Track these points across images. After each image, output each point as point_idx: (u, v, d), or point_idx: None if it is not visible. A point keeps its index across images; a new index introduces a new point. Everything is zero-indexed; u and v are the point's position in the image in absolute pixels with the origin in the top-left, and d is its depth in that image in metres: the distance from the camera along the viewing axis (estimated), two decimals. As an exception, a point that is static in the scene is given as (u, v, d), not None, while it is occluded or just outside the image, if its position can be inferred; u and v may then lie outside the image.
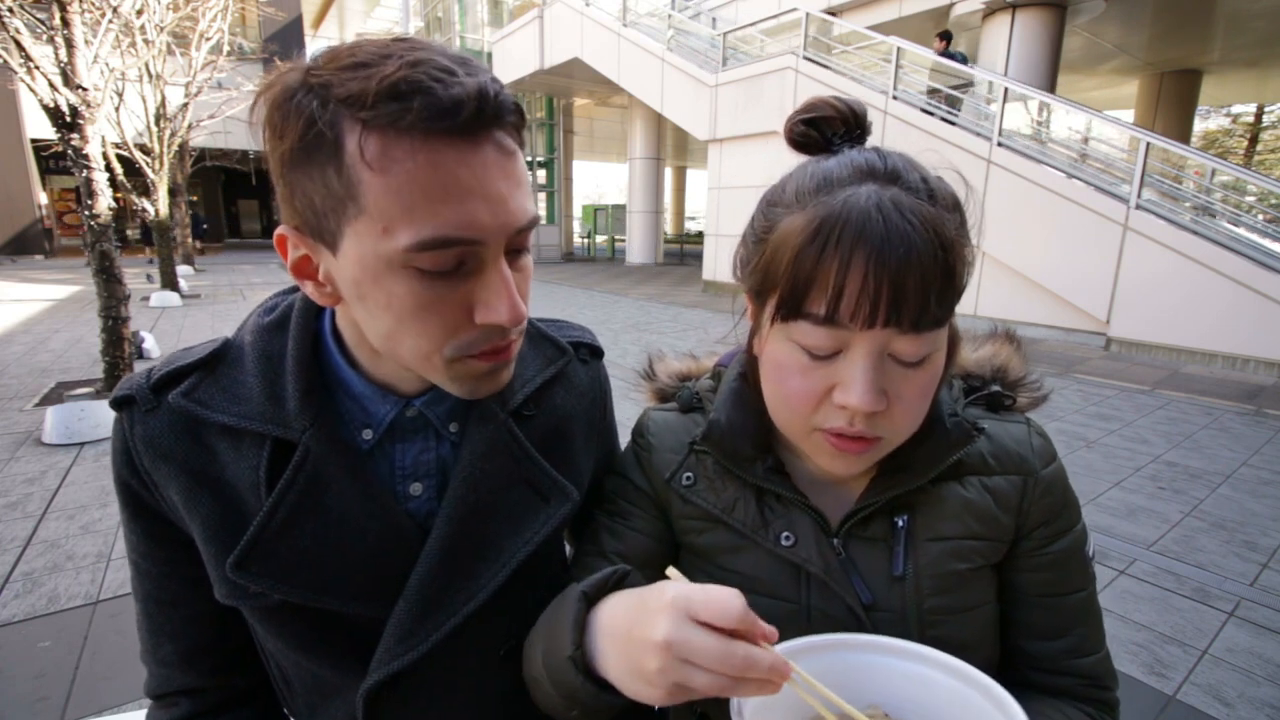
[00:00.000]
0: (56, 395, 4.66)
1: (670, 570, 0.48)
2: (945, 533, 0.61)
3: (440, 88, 0.45)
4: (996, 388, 0.67)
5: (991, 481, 0.62)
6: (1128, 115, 15.14)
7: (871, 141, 0.60)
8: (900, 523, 0.61)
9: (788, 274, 0.51)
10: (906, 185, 0.51)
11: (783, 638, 0.48)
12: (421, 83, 0.44)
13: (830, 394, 0.53)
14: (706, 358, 0.80)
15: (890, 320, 0.49)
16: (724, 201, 11.34)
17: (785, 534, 0.63)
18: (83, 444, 3.84)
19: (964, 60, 8.52)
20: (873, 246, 0.48)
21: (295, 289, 0.64)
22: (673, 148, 22.70)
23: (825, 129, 0.58)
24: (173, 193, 10.45)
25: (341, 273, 0.51)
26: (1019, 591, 0.64)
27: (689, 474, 0.68)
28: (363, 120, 0.45)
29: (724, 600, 0.43)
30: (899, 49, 8.49)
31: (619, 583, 0.53)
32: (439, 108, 0.44)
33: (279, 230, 0.53)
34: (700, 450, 0.67)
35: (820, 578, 0.61)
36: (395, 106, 0.44)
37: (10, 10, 3.97)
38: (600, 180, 46.63)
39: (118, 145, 8.39)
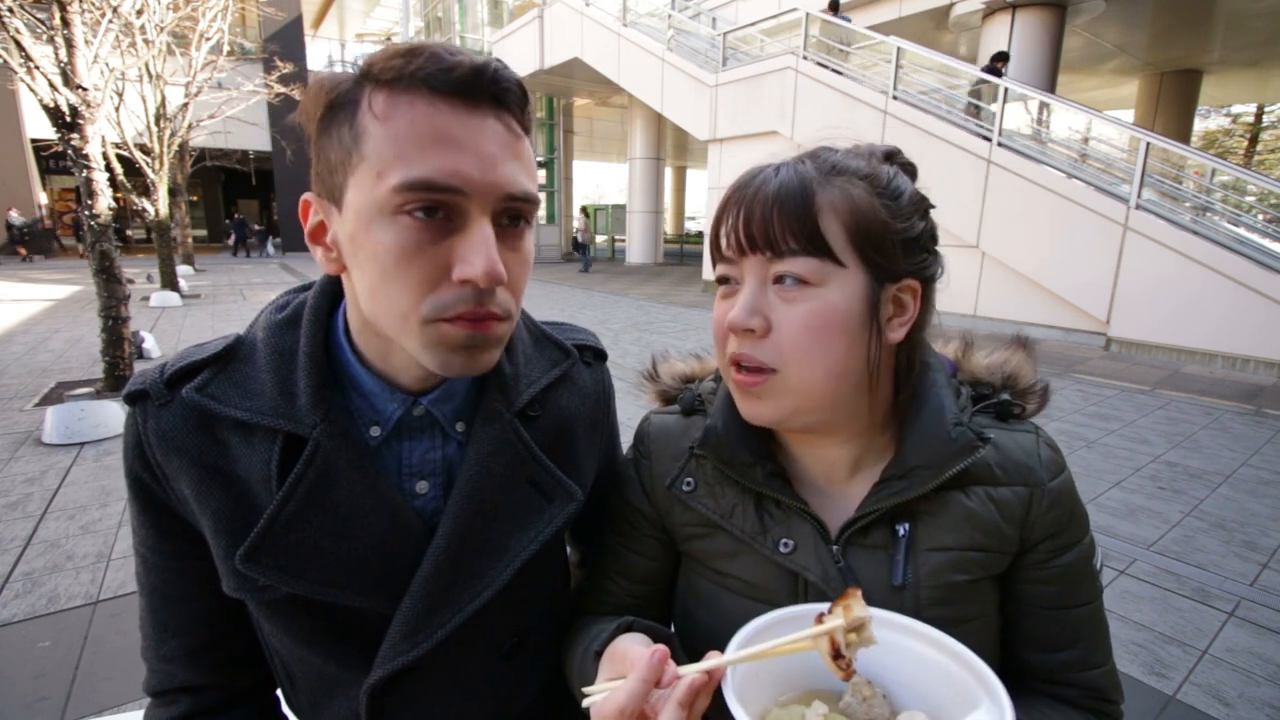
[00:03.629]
0: (56, 395, 4.66)
1: (586, 692, 0.54)
2: (947, 543, 0.60)
3: (445, 53, 0.51)
4: (1006, 396, 0.66)
5: (997, 492, 0.61)
6: (1128, 115, 15.15)
7: (871, 140, 0.62)
8: (901, 531, 0.61)
9: (711, 236, 0.63)
10: (814, 157, 0.60)
11: None
12: (429, 48, 0.51)
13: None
14: (710, 358, 0.80)
15: (754, 245, 0.57)
16: (724, 201, 11.30)
17: (784, 540, 0.63)
18: (83, 444, 3.84)
19: (848, 20, 9.25)
20: (741, 191, 0.59)
21: (306, 287, 0.65)
22: (673, 148, 22.70)
23: None
24: (173, 193, 10.45)
25: (343, 231, 0.53)
26: (1024, 603, 0.63)
27: (689, 479, 0.68)
28: (375, 77, 0.51)
29: (615, 707, 0.49)
30: (899, 49, 8.49)
31: (629, 628, 0.62)
32: (439, 65, 0.50)
33: (304, 196, 0.56)
34: (700, 455, 0.67)
35: (818, 585, 0.61)
36: (401, 61, 0.50)
37: (10, 10, 3.97)
38: (600, 180, 46.65)
39: (118, 145, 8.38)
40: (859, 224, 0.57)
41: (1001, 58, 8.51)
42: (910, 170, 0.63)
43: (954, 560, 0.60)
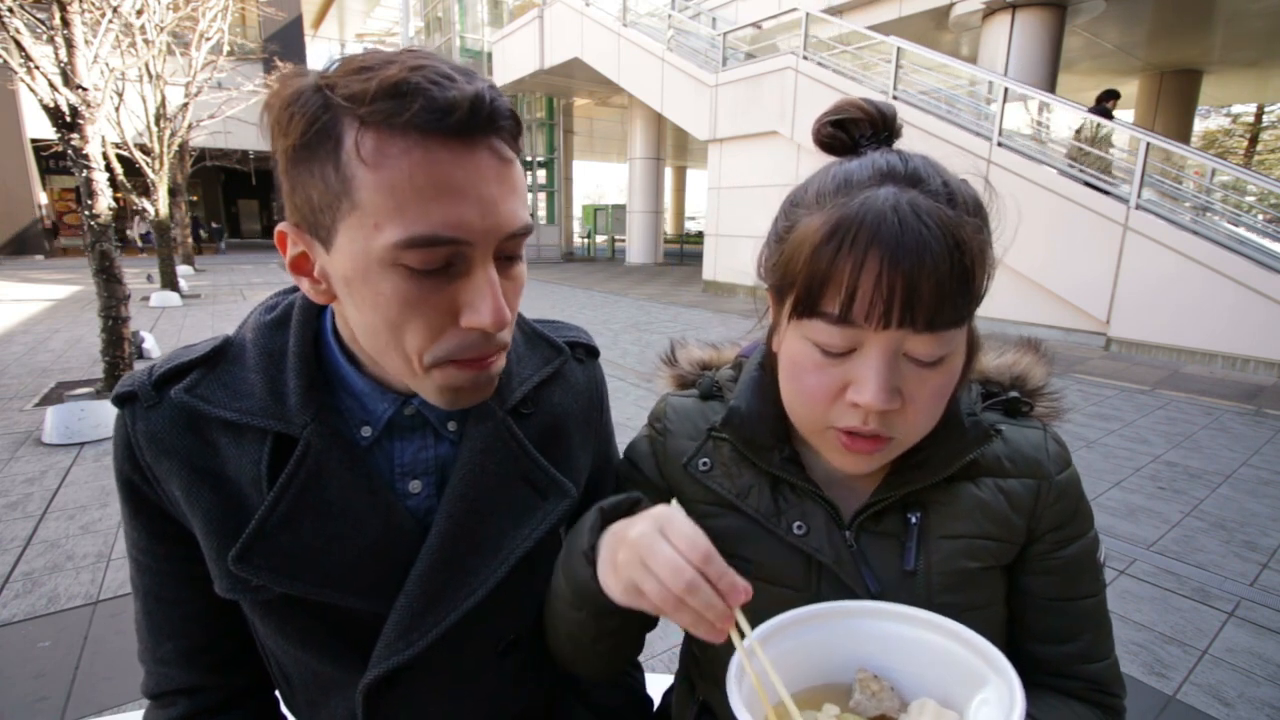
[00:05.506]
0: (56, 395, 4.66)
1: (674, 501, 0.52)
2: (958, 531, 0.61)
3: (437, 90, 0.46)
4: (1014, 393, 0.67)
5: (1006, 484, 0.63)
6: (1128, 115, 15.13)
7: None
8: (913, 519, 0.62)
9: (804, 272, 0.52)
10: (926, 189, 0.51)
11: None
12: (419, 84, 0.46)
13: (844, 392, 0.53)
14: (727, 348, 0.80)
15: (904, 321, 0.49)
16: (724, 201, 11.33)
17: (798, 523, 0.63)
18: (83, 444, 3.84)
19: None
20: (887, 248, 0.48)
21: (296, 288, 0.64)
22: (673, 148, 22.68)
23: (853, 131, 0.58)
24: (173, 193, 10.45)
25: (335, 270, 0.52)
26: (1029, 594, 0.64)
27: (705, 459, 0.69)
28: (360, 118, 0.46)
29: (693, 534, 0.48)
30: (899, 49, 8.49)
31: (632, 507, 0.58)
32: (434, 108, 0.45)
33: (279, 227, 0.54)
34: (718, 436, 0.68)
35: (830, 568, 0.62)
36: (391, 104, 0.45)
37: (10, 10, 3.97)
38: (600, 180, 46.66)
39: (118, 145, 8.39)
40: (988, 274, 0.53)
41: (1111, 96, 7.51)
42: None
43: (965, 548, 0.61)
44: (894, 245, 0.48)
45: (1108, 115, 7.23)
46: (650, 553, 0.47)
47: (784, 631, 0.51)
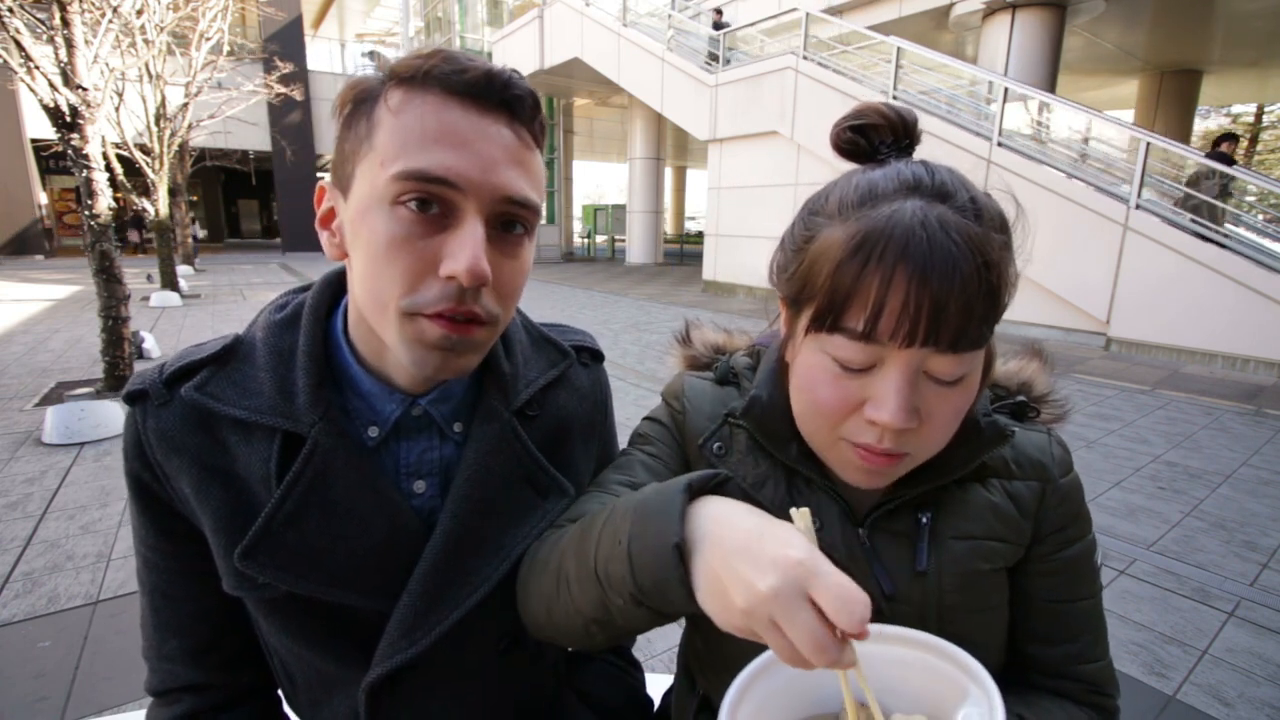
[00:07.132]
0: (56, 395, 4.65)
1: (798, 514, 0.44)
2: (970, 532, 0.62)
3: (462, 58, 0.53)
4: (1022, 398, 0.67)
5: (1013, 486, 0.63)
6: (1128, 115, 15.13)
7: None
8: (924, 519, 0.62)
9: (826, 286, 0.50)
10: (954, 203, 0.50)
11: None
12: (448, 54, 0.53)
13: (860, 407, 0.52)
14: (738, 334, 0.80)
15: (929, 340, 0.48)
16: (724, 201, 11.34)
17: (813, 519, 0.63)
18: (83, 444, 3.84)
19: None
20: (915, 266, 0.46)
21: (305, 288, 0.66)
22: (673, 148, 22.70)
23: (873, 137, 0.57)
24: (173, 193, 10.45)
25: (347, 216, 0.55)
26: (1028, 596, 0.64)
27: (719, 444, 0.68)
28: (395, 75, 0.53)
29: (845, 594, 0.38)
30: (899, 49, 8.49)
31: (719, 486, 0.50)
32: (452, 67, 0.52)
33: (320, 182, 0.58)
34: (736, 424, 0.67)
35: (843, 564, 0.61)
36: (419, 62, 0.52)
37: (10, 10, 3.97)
38: (600, 180, 46.67)
39: (118, 145, 8.38)
40: (1012, 291, 0.51)
41: (1229, 139, 6.94)
42: None
43: (976, 549, 0.61)
44: (922, 263, 0.46)
45: (1228, 161, 6.52)
46: (790, 621, 0.38)
47: (770, 668, 0.50)
